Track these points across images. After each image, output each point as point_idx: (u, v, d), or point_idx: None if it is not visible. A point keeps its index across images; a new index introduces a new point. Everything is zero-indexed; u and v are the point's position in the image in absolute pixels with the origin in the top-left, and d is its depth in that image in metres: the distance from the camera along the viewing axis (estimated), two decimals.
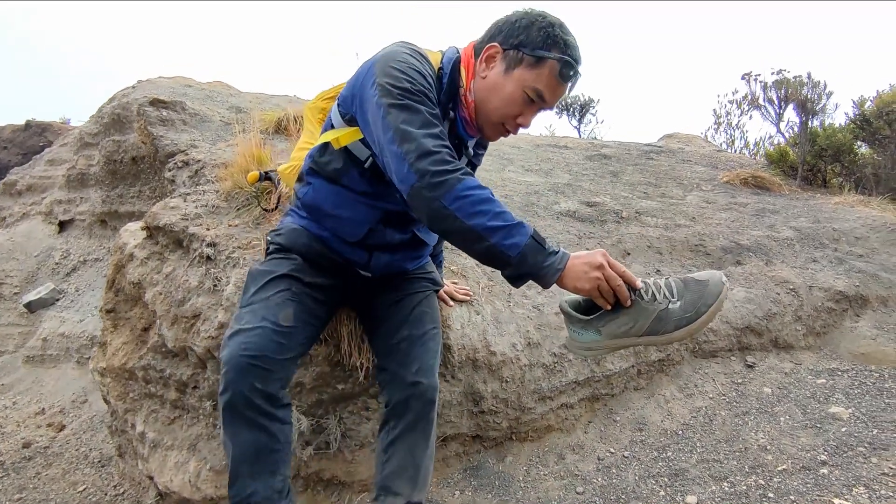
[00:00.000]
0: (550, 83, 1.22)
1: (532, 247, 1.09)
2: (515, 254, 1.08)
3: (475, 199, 1.09)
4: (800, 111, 5.26)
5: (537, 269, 1.10)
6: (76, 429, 3.32)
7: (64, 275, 4.91)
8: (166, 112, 3.81)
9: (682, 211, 3.74)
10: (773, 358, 2.76)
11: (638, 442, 2.25)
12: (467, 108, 1.32)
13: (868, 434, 2.12)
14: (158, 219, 2.23)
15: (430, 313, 1.56)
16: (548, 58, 1.20)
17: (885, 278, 3.16)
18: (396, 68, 1.21)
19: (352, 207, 1.41)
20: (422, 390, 1.39)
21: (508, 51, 1.24)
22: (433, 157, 1.11)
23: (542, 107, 1.28)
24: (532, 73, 1.22)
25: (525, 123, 1.29)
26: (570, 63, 1.21)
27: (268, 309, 1.29)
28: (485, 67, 1.29)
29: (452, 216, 1.09)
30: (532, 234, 1.10)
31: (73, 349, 4.08)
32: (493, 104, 1.28)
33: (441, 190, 1.09)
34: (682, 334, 1.12)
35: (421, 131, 1.14)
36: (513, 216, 1.12)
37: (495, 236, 1.08)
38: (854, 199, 4.37)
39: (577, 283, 1.10)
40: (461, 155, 1.44)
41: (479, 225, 1.08)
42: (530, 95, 1.24)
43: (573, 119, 9.28)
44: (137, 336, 2.24)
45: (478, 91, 1.30)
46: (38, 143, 8.64)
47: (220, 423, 1.23)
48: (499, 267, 1.14)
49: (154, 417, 2.15)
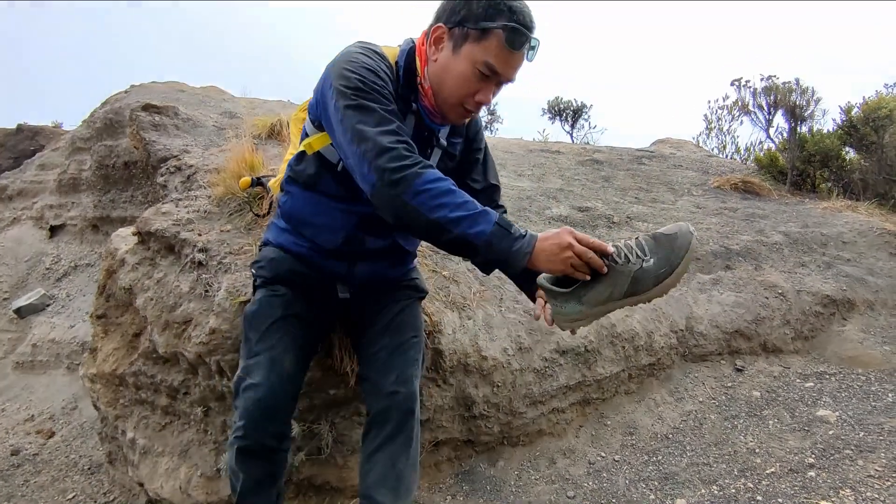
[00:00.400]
0: (500, 54, 1.18)
1: (498, 233, 1.09)
2: (481, 241, 1.09)
3: (435, 191, 1.09)
4: (789, 117, 5.32)
5: (505, 255, 1.10)
6: (66, 436, 3.30)
7: (54, 280, 4.88)
8: (159, 117, 3.81)
9: (672, 216, 3.77)
10: (762, 362, 2.79)
11: (629, 446, 2.26)
12: (426, 96, 1.30)
13: (855, 437, 2.14)
14: (150, 224, 2.22)
15: (411, 322, 1.55)
16: (493, 28, 1.16)
17: (872, 282, 3.20)
18: (348, 69, 1.20)
19: (328, 214, 1.41)
20: (399, 400, 1.38)
21: (453, 29, 1.21)
22: (389, 153, 1.11)
23: (500, 80, 1.24)
24: (479, 48, 1.18)
25: (485, 100, 1.25)
26: (517, 29, 1.16)
27: (273, 361, 1.36)
28: (434, 50, 1.26)
29: (415, 211, 1.10)
30: (497, 221, 1.10)
31: (64, 355, 4.05)
32: (447, 86, 1.25)
33: (401, 187, 1.09)
34: (662, 289, 1.14)
35: (376, 129, 1.13)
36: (476, 205, 1.11)
37: (460, 226, 1.09)
38: (842, 203, 4.43)
39: (549, 265, 1.11)
40: (432, 146, 1.40)
41: (443, 217, 1.09)
42: (482, 71, 1.20)
43: (566, 124, 9.33)
44: (128, 342, 2.24)
45: (432, 76, 1.27)
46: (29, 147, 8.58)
47: (231, 459, 1.36)
48: (467, 256, 1.15)
49: (145, 424, 2.15)
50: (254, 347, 1.40)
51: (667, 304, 2.78)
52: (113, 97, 5.16)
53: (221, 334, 1.81)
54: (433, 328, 2.03)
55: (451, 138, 1.45)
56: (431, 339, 2.02)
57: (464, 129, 1.48)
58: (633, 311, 2.63)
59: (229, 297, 1.85)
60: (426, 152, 1.40)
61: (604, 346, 2.43)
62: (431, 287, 2.20)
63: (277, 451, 1.38)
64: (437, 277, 2.30)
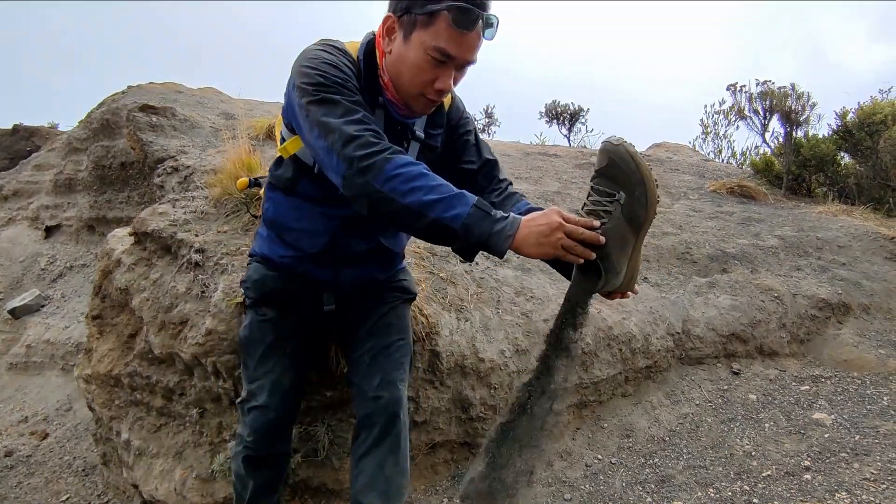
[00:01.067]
0: (450, 36, 1.11)
1: (476, 215, 1.03)
2: (459, 225, 1.03)
3: (406, 175, 1.04)
4: (784, 122, 5.35)
5: (486, 237, 1.03)
6: (60, 437, 3.27)
7: (50, 281, 4.85)
8: (156, 118, 3.81)
9: (669, 219, 3.78)
10: (758, 365, 2.80)
11: (625, 448, 2.26)
12: (387, 89, 1.25)
13: (850, 440, 2.15)
14: (147, 225, 2.22)
15: (398, 324, 1.52)
16: (439, 10, 1.09)
17: (867, 286, 3.22)
18: (308, 66, 1.17)
19: (309, 218, 1.38)
20: (383, 404, 1.37)
21: (402, 17, 1.15)
22: (356, 141, 1.06)
23: (458, 64, 1.17)
24: (428, 33, 1.12)
25: (444, 87, 1.18)
26: (464, 8, 1.08)
27: (274, 383, 1.44)
28: (388, 42, 1.21)
29: (387, 198, 1.04)
30: (475, 203, 1.04)
31: (58, 356, 4.02)
32: (404, 77, 1.19)
33: (371, 174, 1.05)
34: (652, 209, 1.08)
35: (340, 120, 1.09)
36: (451, 188, 1.06)
37: (435, 210, 1.03)
38: (837, 208, 4.45)
39: (539, 249, 1.04)
40: (408, 139, 1.35)
41: (416, 201, 1.03)
42: (435, 56, 1.13)
43: (563, 128, 9.36)
44: (124, 343, 2.23)
45: (389, 67, 1.22)
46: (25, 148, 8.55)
47: (238, 467, 1.48)
48: (447, 243, 1.08)
49: (140, 425, 2.13)
50: (253, 373, 1.47)
51: (663, 307, 2.79)
52: (110, 98, 5.15)
53: (218, 335, 1.80)
54: (430, 330, 2.03)
55: (431, 130, 1.39)
56: (428, 341, 2.02)
57: (443, 118, 1.41)
58: (629, 313, 2.63)
59: (226, 298, 1.85)
60: (402, 146, 1.33)
61: (601, 349, 2.43)
62: (428, 288, 2.20)
63: (283, 456, 1.52)
64: (435, 279, 2.30)
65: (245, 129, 3.27)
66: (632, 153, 1.04)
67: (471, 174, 1.43)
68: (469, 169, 1.44)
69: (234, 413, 1.88)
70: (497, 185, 1.42)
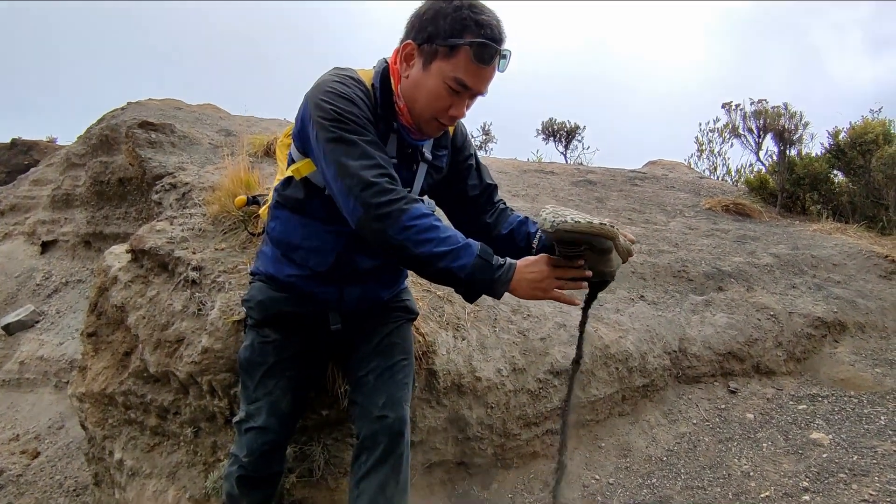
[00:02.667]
0: (469, 69, 1.19)
1: (479, 265, 1.15)
2: (464, 274, 1.15)
3: (420, 227, 1.14)
4: (778, 140, 5.42)
5: (487, 285, 1.17)
6: (51, 456, 3.23)
7: (45, 296, 4.83)
8: (155, 134, 3.83)
9: (665, 237, 3.80)
10: (755, 383, 2.80)
11: (623, 468, 2.25)
12: (402, 113, 1.30)
13: (849, 460, 2.14)
14: (144, 242, 2.22)
15: (401, 344, 1.54)
16: (461, 44, 1.17)
17: (863, 305, 3.23)
18: (325, 100, 1.22)
19: (318, 236, 1.41)
20: (388, 424, 1.38)
21: (423, 45, 1.22)
22: (373, 188, 1.14)
23: (472, 94, 1.25)
24: (449, 64, 1.19)
25: (458, 114, 1.27)
26: (485, 44, 1.17)
27: (273, 405, 1.45)
28: (406, 67, 1.27)
29: (401, 246, 1.14)
30: (478, 254, 1.16)
31: (52, 373, 3.99)
32: (420, 103, 1.26)
33: (387, 222, 1.13)
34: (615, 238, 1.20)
35: (359, 163, 1.16)
36: (459, 238, 1.17)
37: (444, 260, 1.14)
38: (831, 226, 4.49)
39: (531, 293, 1.19)
40: (417, 161, 1.40)
41: (427, 252, 1.14)
42: (452, 86, 1.21)
43: (559, 145, 9.44)
44: (119, 360, 2.21)
45: (405, 92, 1.28)
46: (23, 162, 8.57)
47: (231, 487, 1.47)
48: (451, 286, 1.21)
49: (133, 444, 2.11)
50: (252, 394, 1.48)
51: (660, 326, 2.79)
52: (109, 114, 5.18)
53: (214, 353, 1.80)
54: (427, 348, 2.02)
55: (437, 151, 1.45)
56: (425, 360, 2.01)
57: (448, 140, 1.48)
58: (626, 331, 2.64)
59: (223, 316, 1.84)
60: (412, 168, 1.40)
61: (597, 368, 2.43)
62: (426, 307, 2.20)
63: (277, 475, 1.54)
64: (432, 297, 2.30)
65: (244, 145, 3.30)
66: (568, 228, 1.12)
67: (472, 197, 1.52)
68: (471, 193, 1.53)
69: (229, 432, 1.86)
70: (492, 207, 1.54)
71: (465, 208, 1.54)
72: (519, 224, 1.48)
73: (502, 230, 1.49)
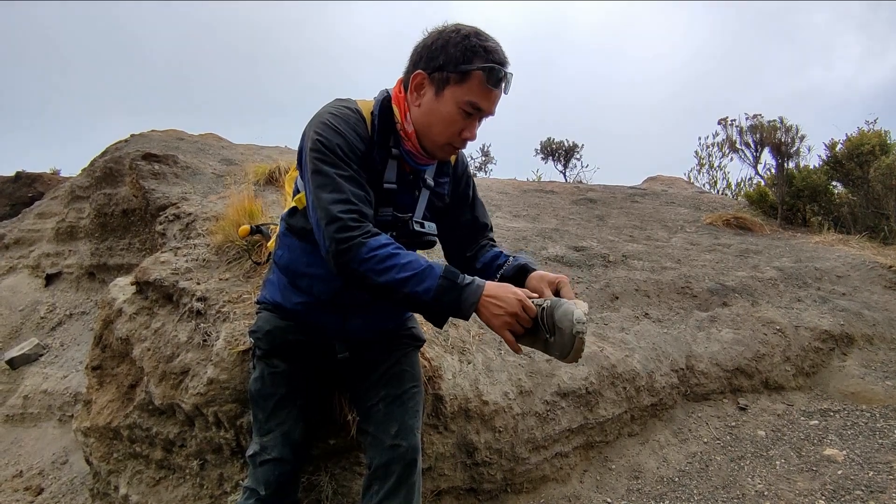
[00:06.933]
0: (482, 92, 1.25)
1: (444, 286, 1.15)
2: (429, 298, 1.15)
3: (380, 256, 1.16)
4: (775, 154, 5.46)
5: (454, 306, 1.16)
6: (55, 492, 3.19)
7: (49, 329, 4.82)
8: (158, 165, 3.88)
9: (667, 253, 3.81)
10: (764, 399, 2.76)
11: (634, 490, 2.21)
12: (409, 140, 1.34)
13: (864, 476, 2.11)
14: (149, 274, 2.23)
15: (410, 371, 1.54)
16: (471, 70, 1.23)
17: (869, 316, 3.21)
18: (316, 131, 1.27)
19: (322, 264, 1.41)
20: (401, 453, 1.38)
21: (433, 74, 1.26)
22: (337, 224, 1.17)
23: (483, 115, 1.31)
24: (462, 89, 1.25)
25: (471, 136, 1.32)
26: (495, 68, 1.23)
27: (286, 435, 1.46)
28: (416, 96, 1.31)
29: (364, 276, 1.17)
30: (442, 275, 1.16)
31: (56, 406, 3.96)
32: (435, 129, 1.30)
33: (348, 255, 1.16)
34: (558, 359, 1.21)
35: (330, 196, 1.20)
36: (421, 262, 1.17)
37: (407, 286, 1.15)
38: (833, 237, 4.49)
39: (491, 319, 1.17)
40: (419, 188, 1.43)
41: (390, 280, 1.15)
42: (466, 110, 1.26)
43: (558, 164, 9.51)
44: (124, 394, 2.20)
45: (416, 120, 1.32)
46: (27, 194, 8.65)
47: None
48: (420, 311, 1.21)
49: (138, 479, 2.09)
50: (264, 426, 1.48)
51: (665, 343, 2.78)
52: (113, 146, 5.25)
53: (219, 384, 1.79)
54: (433, 373, 2.01)
55: (439, 178, 1.49)
56: (431, 385, 2.00)
57: (450, 168, 1.52)
58: (632, 350, 2.62)
59: (228, 347, 1.84)
60: (413, 194, 1.43)
61: (605, 388, 2.41)
62: (430, 332, 2.19)
63: None
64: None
65: (247, 174, 3.33)
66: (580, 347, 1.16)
67: (462, 229, 1.55)
68: (462, 224, 1.56)
69: (236, 464, 1.84)
70: (476, 244, 1.56)
71: (453, 237, 1.57)
72: (492, 258, 1.49)
73: (477, 264, 1.52)
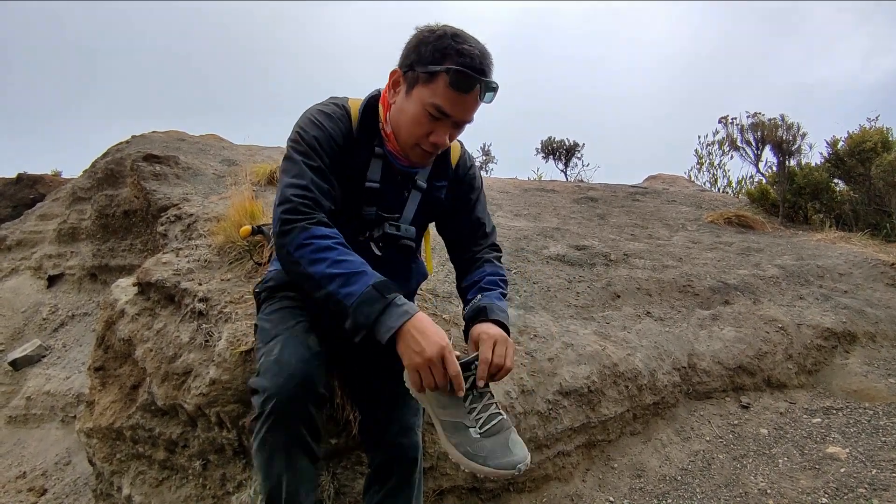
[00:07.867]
0: (447, 96, 1.18)
1: (369, 296, 1.05)
2: (351, 303, 1.05)
3: (316, 246, 1.11)
4: (776, 152, 5.45)
5: (371, 321, 1.05)
6: (58, 492, 3.20)
7: (51, 330, 4.84)
8: (159, 167, 3.88)
9: (669, 252, 3.80)
10: (767, 397, 2.76)
11: (637, 489, 2.21)
12: (389, 140, 1.32)
13: (867, 474, 2.10)
14: (151, 275, 2.23)
15: None
16: (439, 71, 1.17)
17: (871, 314, 3.20)
18: (300, 125, 1.29)
19: None
20: (402, 451, 1.37)
21: (407, 72, 1.24)
22: (286, 205, 1.16)
23: (453, 122, 1.24)
24: (427, 90, 1.20)
25: (439, 141, 1.25)
26: (462, 72, 1.16)
27: (296, 337, 1.22)
28: (393, 94, 1.29)
29: (296, 262, 1.12)
30: (372, 284, 1.06)
31: (59, 407, 3.97)
32: (403, 129, 1.27)
33: (288, 237, 1.13)
34: (457, 461, 1.13)
35: (290, 180, 1.20)
36: (356, 265, 1.09)
37: (333, 283, 1.07)
38: (835, 235, 4.48)
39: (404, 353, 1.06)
40: (409, 189, 1.39)
41: (318, 272, 1.09)
42: (432, 112, 1.21)
43: (559, 163, 9.51)
44: (126, 394, 2.21)
45: (391, 118, 1.30)
46: (28, 196, 8.67)
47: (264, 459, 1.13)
48: (342, 317, 1.08)
49: (141, 479, 2.09)
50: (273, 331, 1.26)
51: (667, 342, 2.77)
52: (114, 147, 5.26)
53: (222, 385, 1.79)
54: None
55: (435, 181, 1.44)
56: None
57: (449, 171, 1.47)
58: (634, 349, 2.62)
59: (230, 347, 1.84)
60: (403, 195, 1.39)
61: (607, 387, 2.40)
62: None
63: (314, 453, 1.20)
64: (438, 321, 2.29)
65: (248, 175, 3.34)
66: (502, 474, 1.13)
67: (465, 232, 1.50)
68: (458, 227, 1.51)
69: (238, 464, 1.85)
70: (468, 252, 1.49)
71: (454, 239, 1.53)
72: (472, 284, 1.41)
73: (464, 282, 1.46)
